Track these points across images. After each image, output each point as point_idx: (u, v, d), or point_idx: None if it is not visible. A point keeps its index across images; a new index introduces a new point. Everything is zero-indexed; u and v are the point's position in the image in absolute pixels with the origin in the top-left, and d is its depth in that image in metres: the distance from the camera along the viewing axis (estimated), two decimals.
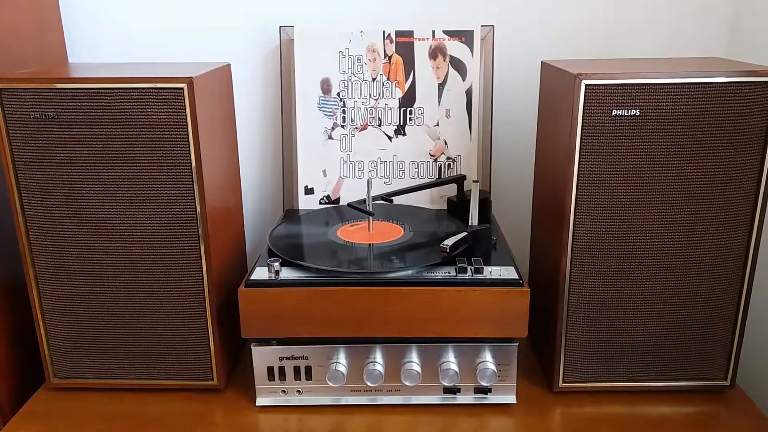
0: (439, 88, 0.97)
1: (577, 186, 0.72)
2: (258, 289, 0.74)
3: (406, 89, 0.97)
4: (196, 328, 0.79)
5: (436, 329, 0.75)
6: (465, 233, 0.81)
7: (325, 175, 0.99)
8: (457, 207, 0.92)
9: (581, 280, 0.76)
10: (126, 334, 0.79)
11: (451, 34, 0.96)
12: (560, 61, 0.80)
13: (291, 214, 0.98)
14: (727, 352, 0.79)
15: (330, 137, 0.98)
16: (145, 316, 0.78)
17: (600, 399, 0.80)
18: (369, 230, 0.87)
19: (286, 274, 0.76)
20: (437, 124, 0.98)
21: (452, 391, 0.79)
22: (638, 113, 0.70)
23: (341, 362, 0.77)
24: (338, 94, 0.98)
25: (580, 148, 0.71)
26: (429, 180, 0.99)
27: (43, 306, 0.79)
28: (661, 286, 0.76)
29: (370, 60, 0.97)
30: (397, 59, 0.97)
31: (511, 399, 0.79)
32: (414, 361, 0.77)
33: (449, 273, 0.75)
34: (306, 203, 1.00)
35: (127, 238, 0.75)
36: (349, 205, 0.87)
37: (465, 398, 0.79)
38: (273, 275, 0.75)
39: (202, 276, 0.77)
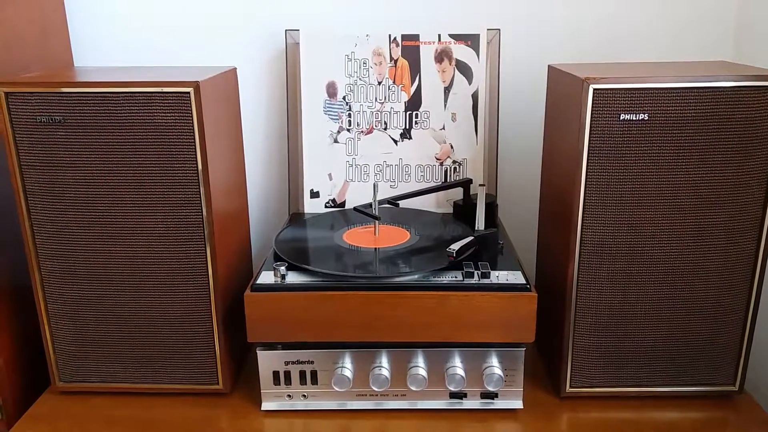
0: (445, 92, 0.97)
1: (584, 190, 0.72)
2: (264, 294, 0.74)
3: (411, 93, 0.97)
4: (202, 332, 0.79)
5: (442, 334, 0.75)
6: (471, 237, 0.81)
7: (330, 179, 0.99)
8: (464, 211, 0.92)
9: (588, 285, 0.75)
10: (131, 338, 0.79)
11: (457, 37, 0.96)
12: (567, 65, 0.80)
13: (297, 217, 0.98)
14: (736, 358, 0.79)
15: (336, 141, 0.98)
16: (151, 319, 0.78)
17: (607, 404, 0.80)
18: (375, 234, 0.86)
19: (292, 278, 0.76)
20: (443, 128, 0.98)
21: (458, 396, 0.78)
22: (646, 117, 0.69)
23: (347, 367, 0.77)
24: (344, 98, 0.97)
25: (588, 153, 0.71)
26: (435, 184, 0.98)
27: (49, 310, 0.79)
28: (669, 291, 0.75)
29: (376, 64, 0.97)
30: (403, 63, 0.97)
31: (518, 404, 0.79)
32: (420, 366, 0.77)
33: (456, 277, 0.75)
34: (312, 207, 0.99)
35: (133, 241, 0.75)
36: (355, 209, 0.86)
37: (471, 403, 0.79)
38: (279, 279, 0.75)
39: (208, 280, 0.76)
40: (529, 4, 1.00)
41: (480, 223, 0.86)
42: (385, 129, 0.98)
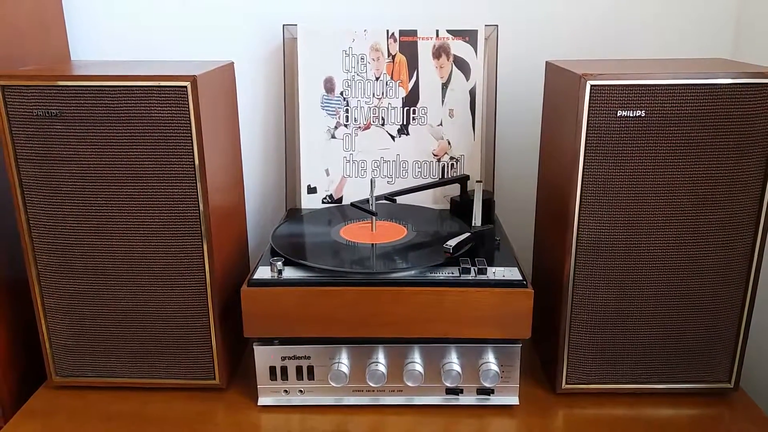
0: (442, 88, 0.97)
1: (581, 187, 0.72)
2: (261, 289, 0.74)
3: (409, 89, 0.97)
4: (199, 327, 0.79)
5: (439, 330, 0.75)
6: (468, 234, 0.81)
7: (328, 175, 0.99)
8: (461, 207, 0.92)
9: (585, 282, 0.76)
10: (128, 333, 0.79)
11: (455, 33, 0.96)
12: (565, 62, 0.80)
13: (294, 213, 0.98)
14: (731, 355, 0.79)
15: (333, 136, 0.98)
16: (147, 314, 0.78)
17: (603, 401, 0.80)
18: (372, 230, 0.86)
19: (289, 273, 0.76)
20: (440, 124, 0.98)
21: (455, 392, 0.79)
22: (643, 114, 0.69)
23: (343, 362, 0.77)
24: (341, 93, 0.97)
25: (585, 149, 0.71)
26: (432, 180, 0.98)
27: (45, 304, 0.79)
28: (665, 288, 0.75)
29: (373, 59, 0.96)
30: (401, 58, 0.97)
31: (514, 400, 0.79)
32: (417, 362, 0.77)
33: (452, 273, 0.75)
34: (309, 202, 0.99)
35: (130, 236, 0.75)
36: (352, 204, 0.86)
37: (467, 399, 0.79)
38: (276, 274, 0.75)
39: (205, 275, 0.76)
40: (528, 0, 0.99)
41: (477, 220, 0.86)
42: (383, 125, 0.98)
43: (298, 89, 0.97)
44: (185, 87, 0.70)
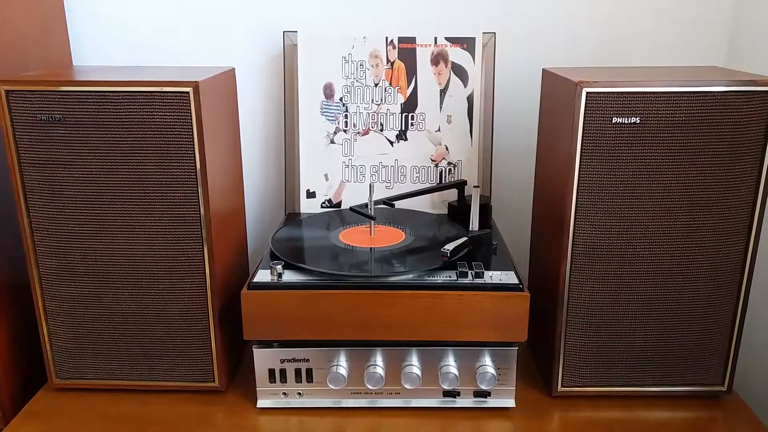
0: (440, 94, 0.98)
1: (577, 192, 0.73)
2: (260, 292, 0.75)
3: (408, 95, 0.98)
4: (199, 329, 0.79)
5: (436, 333, 0.75)
6: (465, 238, 0.82)
7: (327, 179, 1.00)
8: (458, 212, 0.93)
9: (580, 286, 0.76)
10: (128, 335, 0.80)
11: (453, 40, 0.97)
12: (561, 69, 0.81)
13: (293, 217, 0.98)
14: (725, 358, 0.80)
15: (332, 141, 0.99)
16: (148, 317, 0.79)
17: (598, 403, 0.81)
18: (370, 234, 0.87)
19: (288, 276, 0.76)
20: (438, 130, 0.99)
21: (452, 394, 0.79)
22: (638, 121, 0.70)
23: (342, 365, 0.77)
24: (341, 99, 0.98)
25: (581, 155, 0.72)
26: (430, 185, 0.99)
27: (46, 307, 0.79)
28: (660, 292, 0.76)
29: (372, 65, 0.97)
30: (400, 65, 0.98)
31: (510, 403, 0.80)
32: (414, 365, 0.77)
33: (450, 277, 0.76)
34: (308, 207, 1.00)
35: (131, 240, 0.76)
36: (350, 209, 0.87)
37: (464, 402, 0.80)
38: (275, 278, 0.76)
39: (205, 278, 0.77)
40: (525, 8, 1.01)
41: (474, 224, 0.87)
42: (381, 130, 0.99)
43: (297, 95, 0.98)
44: (187, 93, 0.71)
